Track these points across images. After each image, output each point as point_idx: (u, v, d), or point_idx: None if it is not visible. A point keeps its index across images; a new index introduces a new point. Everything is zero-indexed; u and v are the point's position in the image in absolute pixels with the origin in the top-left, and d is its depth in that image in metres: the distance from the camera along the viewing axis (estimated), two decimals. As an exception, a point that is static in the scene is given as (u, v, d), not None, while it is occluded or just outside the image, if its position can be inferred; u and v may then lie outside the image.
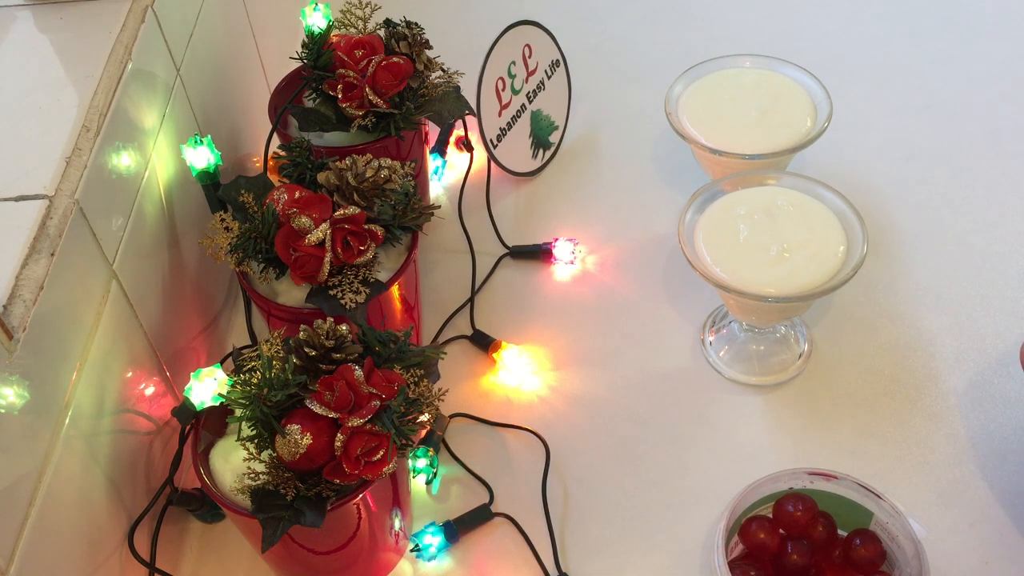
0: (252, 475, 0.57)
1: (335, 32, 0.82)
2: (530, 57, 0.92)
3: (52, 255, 0.54)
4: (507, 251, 0.89)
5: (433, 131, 0.98)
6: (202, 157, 0.72)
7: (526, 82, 0.93)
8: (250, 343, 0.77)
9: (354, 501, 0.58)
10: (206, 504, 0.69)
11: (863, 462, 0.71)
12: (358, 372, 0.58)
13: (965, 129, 0.95)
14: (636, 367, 0.79)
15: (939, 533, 0.66)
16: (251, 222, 0.69)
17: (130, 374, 0.65)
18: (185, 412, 0.62)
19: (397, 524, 0.66)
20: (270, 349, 0.59)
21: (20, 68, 0.67)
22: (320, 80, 0.79)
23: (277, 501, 0.57)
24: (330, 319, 0.60)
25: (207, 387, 0.60)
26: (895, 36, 1.07)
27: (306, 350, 0.59)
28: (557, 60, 0.96)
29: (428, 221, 0.73)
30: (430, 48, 0.82)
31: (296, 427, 0.56)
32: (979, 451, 0.71)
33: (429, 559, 0.68)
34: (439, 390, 0.62)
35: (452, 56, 0.85)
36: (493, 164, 0.91)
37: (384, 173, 0.69)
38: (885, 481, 0.65)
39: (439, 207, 0.75)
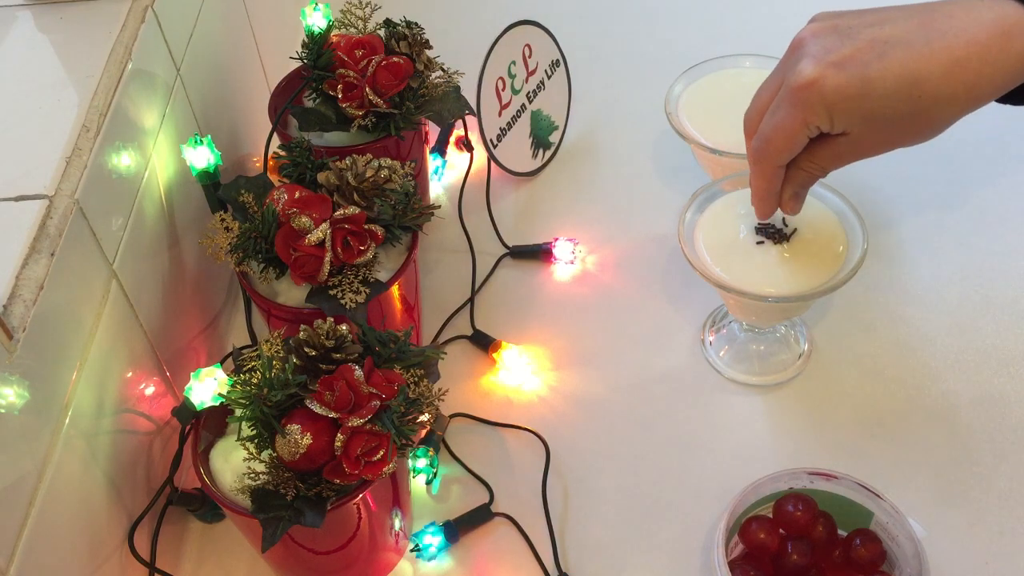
0: (252, 475, 0.57)
1: (335, 32, 0.82)
2: (530, 57, 0.92)
3: (52, 255, 0.54)
4: (507, 251, 0.89)
5: (433, 131, 0.98)
6: (202, 157, 0.72)
7: (526, 82, 0.93)
8: (250, 343, 0.77)
9: (354, 501, 0.58)
10: (206, 504, 0.69)
11: (863, 462, 0.71)
12: (358, 372, 0.58)
13: (965, 129, 0.95)
14: (636, 367, 0.79)
15: (939, 533, 0.66)
16: (251, 222, 0.69)
17: (130, 374, 0.65)
18: (185, 412, 0.62)
19: (397, 524, 0.67)
20: (270, 349, 0.59)
21: (20, 68, 0.67)
22: (320, 80, 0.79)
23: (277, 501, 0.57)
24: (330, 319, 0.60)
25: (207, 387, 0.60)
26: (895, 36, 1.07)
27: (306, 350, 0.59)
28: (557, 60, 0.96)
29: (428, 221, 0.73)
30: (430, 48, 0.82)
31: (296, 427, 0.56)
32: (979, 451, 0.71)
33: (429, 559, 0.68)
34: (439, 390, 0.62)
35: (452, 56, 0.85)
36: (493, 164, 0.91)
37: (384, 173, 0.69)
38: (885, 481, 0.65)
39: (439, 207, 0.75)
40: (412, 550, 0.68)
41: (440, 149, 0.97)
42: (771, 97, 0.60)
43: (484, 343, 0.81)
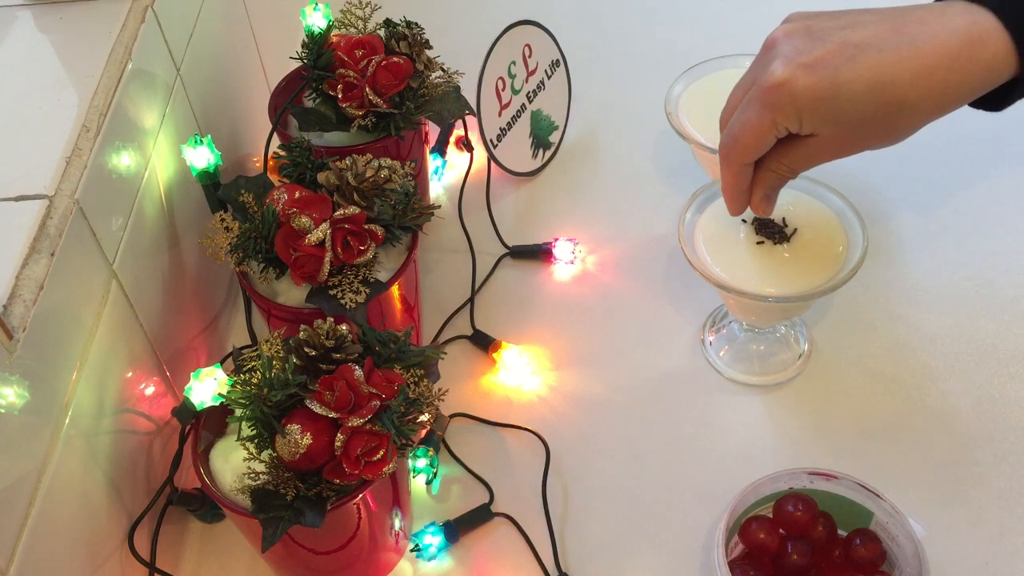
0: (252, 475, 0.57)
1: (335, 32, 0.82)
2: (530, 57, 0.92)
3: (52, 255, 0.54)
4: (507, 251, 0.89)
5: (433, 131, 0.98)
6: (202, 157, 0.72)
7: (526, 82, 0.93)
8: (250, 343, 0.77)
9: (354, 501, 0.58)
10: (206, 504, 0.69)
11: (863, 462, 0.71)
12: (358, 372, 0.58)
13: (965, 128, 0.95)
14: (636, 367, 0.79)
15: (939, 533, 0.66)
16: (251, 222, 0.69)
17: (130, 374, 0.65)
18: (185, 412, 0.62)
19: (397, 524, 0.67)
20: (270, 349, 0.59)
21: (20, 68, 0.67)
22: (320, 80, 0.79)
23: (277, 501, 0.57)
24: (330, 319, 0.60)
25: (207, 387, 0.60)
26: (895, 36, 1.07)
27: (306, 350, 0.59)
28: (557, 60, 0.96)
29: (428, 221, 0.73)
30: (430, 48, 0.82)
31: (296, 427, 0.56)
32: (979, 451, 0.71)
33: (429, 559, 0.68)
34: (439, 390, 0.62)
35: (452, 56, 0.85)
36: (493, 164, 0.91)
37: (384, 173, 0.69)
38: (885, 481, 0.65)
39: (439, 207, 0.75)
40: (412, 550, 0.68)
41: (440, 149, 0.97)
42: (744, 95, 0.60)
43: (484, 343, 0.81)
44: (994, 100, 0.57)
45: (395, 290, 0.72)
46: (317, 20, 0.82)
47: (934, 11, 0.55)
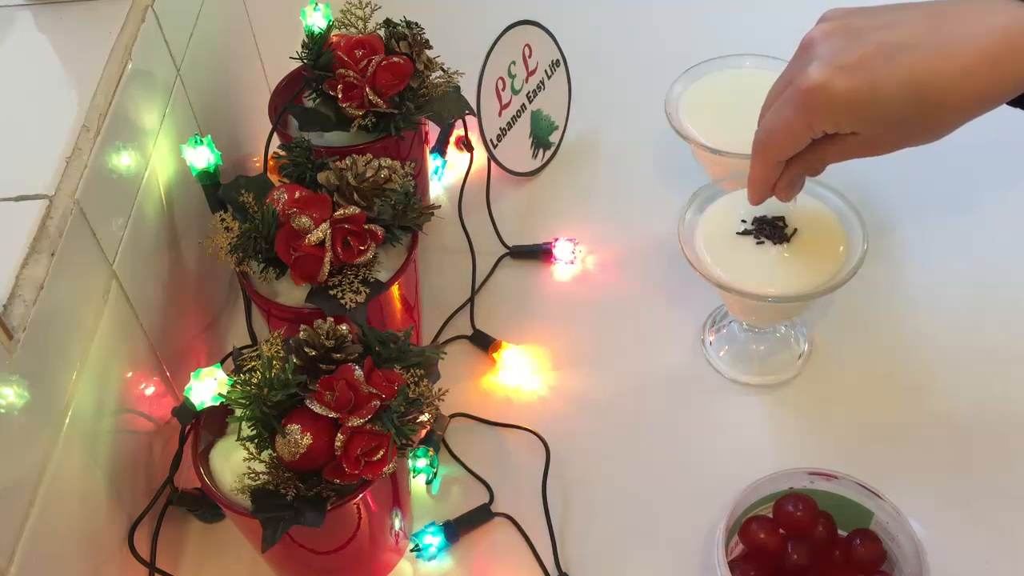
0: (252, 475, 0.57)
1: (335, 32, 0.82)
2: (530, 57, 0.92)
3: (52, 255, 0.54)
4: (507, 251, 0.89)
5: (433, 131, 0.98)
6: (202, 157, 0.72)
7: (526, 82, 0.93)
8: (250, 343, 0.77)
9: (354, 501, 0.58)
10: (206, 504, 0.69)
11: (863, 462, 0.71)
12: (358, 372, 0.58)
13: (965, 128, 0.95)
14: (636, 367, 0.79)
15: (939, 533, 0.66)
16: (251, 222, 0.69)
17: (130, 374, 0.65)
18: (185, 412, 0.62)
19: (397, 524, 0.67)
20: (270, 349, 0.59)
21: (20, 68, 0.67)
22: (320, 80, 0.79)
23: (277, 501, 0.57)
24: (330, 319, 0.60)
25: (207, 387, 0.60)
26: (895, 36, 1.07)
27: (306, 350, 0.59)
28: (557, 60, 0.96)
29: (428, 221, 0.73)
30: (430, 48, 0.82)
31: (296, 427, 0.56)
32: (979, 451, 0.71)
33: (429, 559, 0.68)
34: (439, 390, 0.62)
35: (452, 56, 0.85)
36: (493, 164, 0.91)
37: (384, 173, 0.69)
38: (885, 481, 0.65)
39: (439, 207, 0.75)
40: (412, 550, 0.68)
41: (440, 149, 0.97)
42: (783, 92, 0.60)
43: (484, 343, 0.81)
44: None
45: (395, 290, 0.72)
46: (317, 20, 0.82)
47: (973, 7, 0.54)
